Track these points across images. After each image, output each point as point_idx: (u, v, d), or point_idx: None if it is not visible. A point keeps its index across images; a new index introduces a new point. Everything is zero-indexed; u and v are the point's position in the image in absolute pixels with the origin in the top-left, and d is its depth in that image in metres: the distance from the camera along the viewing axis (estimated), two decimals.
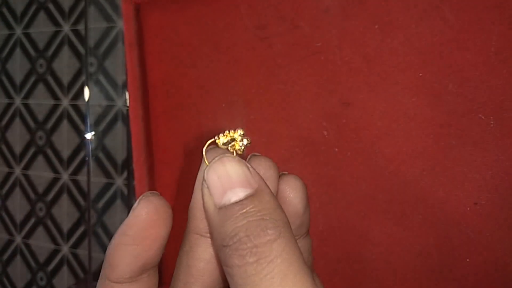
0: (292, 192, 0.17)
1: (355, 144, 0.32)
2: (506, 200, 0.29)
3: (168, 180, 0.39)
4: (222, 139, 0.16)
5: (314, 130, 0.34)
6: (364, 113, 0.32)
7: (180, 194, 0.39)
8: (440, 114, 0.30)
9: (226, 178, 0.14)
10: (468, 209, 0.30)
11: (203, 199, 0.15)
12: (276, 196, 0.17)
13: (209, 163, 0.15)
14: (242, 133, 0.16)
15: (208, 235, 0.16)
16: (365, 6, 0.31)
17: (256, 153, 0.17)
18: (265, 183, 0.15)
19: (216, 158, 0.15)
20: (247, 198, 0.14)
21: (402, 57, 0.31)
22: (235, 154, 0.16)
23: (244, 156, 0.16)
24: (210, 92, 0.37)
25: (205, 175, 0.15)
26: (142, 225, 0.15)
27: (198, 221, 0.16)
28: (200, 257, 0.16)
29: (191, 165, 0.38)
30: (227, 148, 0.16)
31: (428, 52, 0.30)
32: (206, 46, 0.37)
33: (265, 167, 0.17)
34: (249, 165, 0.15)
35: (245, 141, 0.16)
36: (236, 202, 0.14)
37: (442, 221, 0.30)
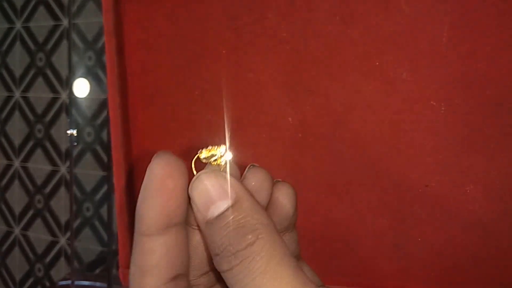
0: (284, 199, 0.20)
1: (317, 130, 0.34)
2: (455, 183, 0.31)
3: (145, 164, 0.41)
4: (203, 154, 0.17)
5: (280, 117, 0.35)
6: (325, 100, 0.34)
7: None
8: (395, 101, 0.32)
9: (206, 194, 0.16)
10: (420, 191, 0.31)
11: (193, 212, 0.17)
12: (269, 201, 0.19)
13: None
14: (224, 149, 0.17)
15: (194, 226, 0.18)
16: None
17: (255, 164, 0.19)
18: (244, 189, 0.16)
19: (195, 176, 0.17)
20: (227, 209, 0.16)
21: (360, 47, 0.32)
22: (221, 169, 0.17)
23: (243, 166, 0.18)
24: (184, 80, 0.39)
25: (190, 192, 0.17)
26: (158, 177, 0.16)
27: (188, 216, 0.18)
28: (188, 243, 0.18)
29: (167, 150, 0.40)
30: (210, 163, 0.17)
31: (384, 42, 0.32)
32: (181, 36, 0.39)
33: (260, 177, 0.19)
34: (227, 176, 0.16)
35: (227, 156, 0.17)
36: (219, 216, 0.16)
37: (396, 203, 0.32)
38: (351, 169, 0.33)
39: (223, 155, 0.17)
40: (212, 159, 0.17)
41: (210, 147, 0.17)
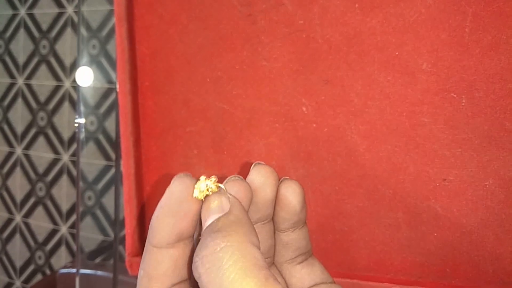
0: (291, 196, 0.21)
1: (332, 121, 0.33)
2: (474, 177, 0.30)
3: (154, 153, 0.41)
4: (196, 194, 0.18)
5: (294, 106, 0.34)
6: (341, 90, 0.33)
7: (166, 167, 0.40)
8: (414, 93, 0.31)
9: (207, 211, 0.18)
10: (437, 185, 0.31)
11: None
12: (276, 198, 0.21)
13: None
14: (208, 181, 0.18)
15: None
16: None
17: (260, 162, 0.21)
18: (238, 203, 0.18)
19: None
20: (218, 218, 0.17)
21: (379, 36, 0.32)
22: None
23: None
24: (196, 67, 0.38)
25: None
26: (175, 200, 0.18)
27: None
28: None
29: (176, 138, 0.40)
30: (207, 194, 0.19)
31: (405, 31, 0.31)
32: (193, 23, 0.38)
33: (264, 174, 0.20)
34: (222, 196, 0.18)
35: (209, 186, 0.18)
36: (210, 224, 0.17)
37: (411, 196, 0.31)
38: (366, 162, 0.33)
39: (210, 188, 0.18)
40: (206, 192, 0.18)
41: (196, 185, 0.18)
